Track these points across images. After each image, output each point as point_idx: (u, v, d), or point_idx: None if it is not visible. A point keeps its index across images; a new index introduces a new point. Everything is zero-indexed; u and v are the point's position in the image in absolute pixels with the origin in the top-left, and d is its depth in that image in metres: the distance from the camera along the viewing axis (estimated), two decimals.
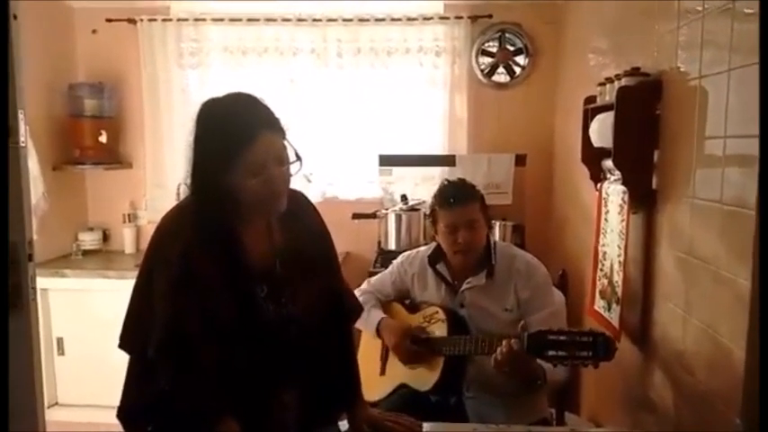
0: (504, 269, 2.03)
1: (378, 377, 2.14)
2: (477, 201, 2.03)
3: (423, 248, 2.23)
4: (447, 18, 3.49)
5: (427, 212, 3.25)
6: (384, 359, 2.16)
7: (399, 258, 2.26)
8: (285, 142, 1.37)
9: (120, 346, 1.43)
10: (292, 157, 1.38)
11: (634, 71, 1.89)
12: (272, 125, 1.35)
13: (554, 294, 2.12)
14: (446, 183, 2.12)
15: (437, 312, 2.04)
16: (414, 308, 2.16)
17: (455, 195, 2.02)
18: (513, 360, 1.69)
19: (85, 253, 3.62)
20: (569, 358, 1.60)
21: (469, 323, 2.01)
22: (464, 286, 2.04)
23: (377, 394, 2.08)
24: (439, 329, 2.01)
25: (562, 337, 1.61)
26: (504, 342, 1.71)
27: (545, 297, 2.03)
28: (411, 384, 2.04)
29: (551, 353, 1.61)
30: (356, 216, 3.34)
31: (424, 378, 2.01)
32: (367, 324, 2.13)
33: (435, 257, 2.11)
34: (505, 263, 2.04)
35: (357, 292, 2.20)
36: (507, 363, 1.70)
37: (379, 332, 2.11)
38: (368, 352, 2.18)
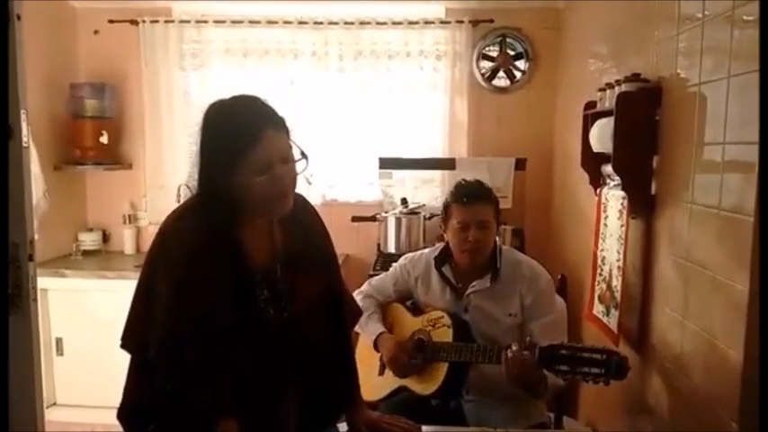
0: (509, 274, 2.04)
1: (376, 377, 2.13)
2: (492, 202, 2.04)
3: (426, 251, 2.23)
4: (448, 22, 3.49)
5: (427, 216, 3.28)
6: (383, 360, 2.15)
7: (402, 260, 2.26)
8: (290, 141, 1.39)
9: (122, 346, 1.43)
10: (298, 156, 1.40)
11: (634, 77, 1.90)
12: (276, 124, 1.37)
13: (556, 302, 2.12)
14: (464, 181, 2.12)
15: (442, 317, 2.03)
16: (417, 310, 2.15)
17: (472, 193, 2.03)
18: (524, 371, 1.70)
19: (85, 253, 3.61)
20: (580, 374, 1.60)
21: (473, 328, 2.01)
22: (469, 290, 2.04)
23: (375, 394, 2.08)
24: (444, 335, 2.00)
25: (574, 353, 1.62)
26: (514, 352, 1.71)
27: (548, 304, 2.03)
28: (411, 387, 2.04)
29: (562, 367, 1.62)
30: (356, 219, 3.34)
31: (426, 382, 2.01)
32: (365, 332, 2.13)
33: (442, 259, 2.11)
34: (510, 267, 2.05)
35: (357, 295, 2.20)
36: (519, 374, 1.71)
37: (376, 345, 2.11)
38: (366, 352, 2.16)
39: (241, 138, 1.32)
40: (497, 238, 2.09)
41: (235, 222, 1.40)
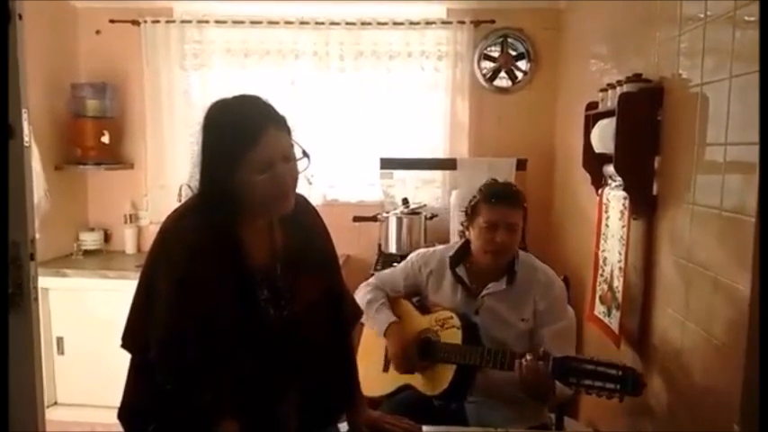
0: (525, 278, 2.01)
1: (380, 373, 2.11)
2: (521, 205, 2.02)
3: (440, 248, 2.20)
4: (450, 22, 3.49)
5: (428, 216, 3.28)
6: (388, 356, 2.13)
7: (413, 255, 2.22)
8: (292, 140, 1.39)
9: (123, 345, 1.43)
10: (299, 155, 1.40)
11: (636, 77, 1.90)
12: (278, 123, 1.37)
13: (567, 309, 2.10)
14: (494, 180, 2.09)
15: (451, 318, 2.00)
16: (425, 309, 2.11)
17: (502, 194, 2.00)
18: (538, 381, 1.69)
19: (86, 253, 3.62)
20: (594, 388, 1.58)
21: (482, 331, 1.98)
22: (484, 291, 2.01)
23: (379, 390, 2.06)
24: (453, 336, 1.97)
25: (589, 366, 1.59)
26: (529, 362, 1.70)
27: (560, 311, 2.02)
28: (417, 387, 2.02)
29: (577, 380, 1.60)
30: (357, 219, 3.34)
31: (432, 382, 1.98)
32: (375, 323, 2.09)
33: (458, 259, 2.08)
34: (526, 272, 2.02)
35: (364, 286, 2.18)
36: (533, 383, 1.70)
37: (385, 335, 2.06)
38: (371, 346, 2.14)
39: (243, 136, 1.32)
40: None
41: (236, 222, 1.40)
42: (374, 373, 2.09)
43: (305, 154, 1.41)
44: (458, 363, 1.93)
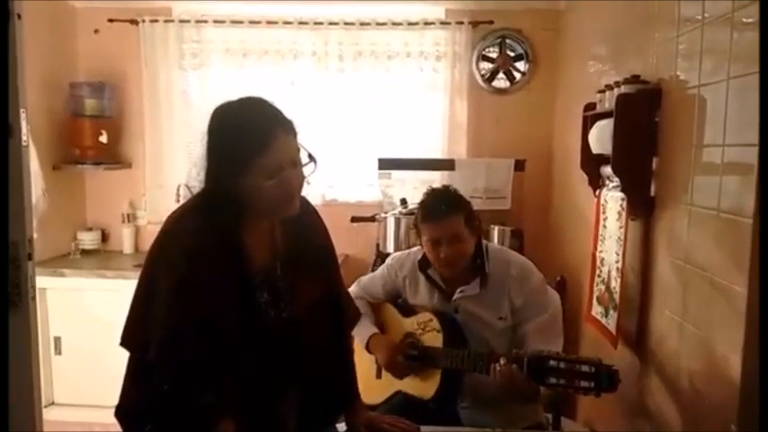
0: (498, 277, 1.98)
1: (374, 380, 2.11)
2: (460, 213, 1.93)
3: (414, 249, 2.17)
4: (448, 23, 3.50)
5: None
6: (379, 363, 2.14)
7: (389, 260, 2.22)
8: (298, 144, 1.39)
9: (122, 344, 1.43)
10: (305, 159, 1.39)
11: (634, 79, 1.90)
12: (285, 127, 1.36)
13: (549, 299, 2.06)
14: (429, 193, 2.03)
15: (431, 320, 1.99)
16: (407, 311, 2.11)
17: (436, 209, 1.94)
18: (514, 384, 1.68)
19: (84, 252, 3.61)
20: (570, 387, 1.58)
21: (463, 331, 1.98)
22: (457, 295, 1.99)
23: (374, 398, 2.06)
24: (434, 339, 1.97)
25: (563, 365, 1.59)
26: (503, 365, 1.70)
27: (540, 304, 1.98)
28: (409, 392, 2.02)
29: (552, 380, 1.60)
30: (355, 219, 3.34)
31: (423, 386, 1.99)
32: (357, 335, 2.07)
33: (425, 263, 2.05)
34: (499, 270, 1.99)
35: None
36: (510, 386, 1.69)
37: (368, 348, 2.07)
38: (363, 353, 2.14)
39: (252, 142, 1.31)
40: (481, 242, 2.01)
41: (239, 224, 1.39)
42: (368, 380, 2.08)
43: (311, 158, 1.40)
44: (440, 367, 1.94)
